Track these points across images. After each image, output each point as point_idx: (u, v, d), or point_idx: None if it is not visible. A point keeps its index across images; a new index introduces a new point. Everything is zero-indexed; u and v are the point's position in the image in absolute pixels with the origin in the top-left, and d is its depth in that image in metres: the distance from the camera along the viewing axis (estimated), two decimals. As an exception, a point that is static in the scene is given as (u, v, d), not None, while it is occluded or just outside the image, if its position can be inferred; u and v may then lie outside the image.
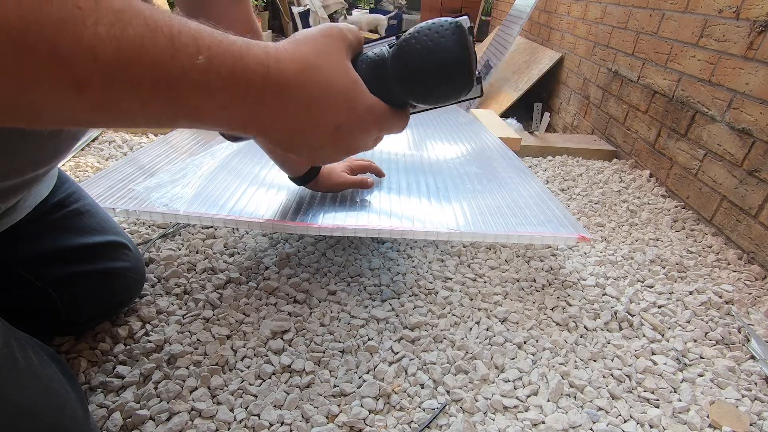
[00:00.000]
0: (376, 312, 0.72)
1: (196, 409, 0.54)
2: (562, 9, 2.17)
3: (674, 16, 1.31)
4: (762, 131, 0.97)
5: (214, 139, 1.06)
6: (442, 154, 1.10)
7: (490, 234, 0.76)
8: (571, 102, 1.98)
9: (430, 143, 1.15)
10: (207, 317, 0.68)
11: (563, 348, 0.69)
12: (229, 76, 0.27)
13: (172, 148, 1.01)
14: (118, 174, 0.85)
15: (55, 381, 0.42)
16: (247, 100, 0.28)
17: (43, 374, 0.41)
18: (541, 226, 0.78)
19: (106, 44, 0.21)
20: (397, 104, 0.38)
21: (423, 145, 1.14)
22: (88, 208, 0.64)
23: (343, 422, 0.54)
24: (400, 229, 0.74)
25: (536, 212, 0.83)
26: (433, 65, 0.33)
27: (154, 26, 0.23)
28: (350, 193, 0.86)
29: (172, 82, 0.24)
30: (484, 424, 0.56)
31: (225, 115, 0.28)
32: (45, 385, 0.41)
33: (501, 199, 0.88)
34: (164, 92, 0.24)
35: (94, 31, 0.21)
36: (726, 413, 0.60)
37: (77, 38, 0.20)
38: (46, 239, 0.58)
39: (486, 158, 1.10)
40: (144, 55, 0.23)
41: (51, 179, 0.60)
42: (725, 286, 0.87)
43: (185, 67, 0.24)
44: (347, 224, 0.74)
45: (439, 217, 0.79)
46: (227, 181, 0.87)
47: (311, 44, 0.32)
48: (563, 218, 0.82)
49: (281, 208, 0.78)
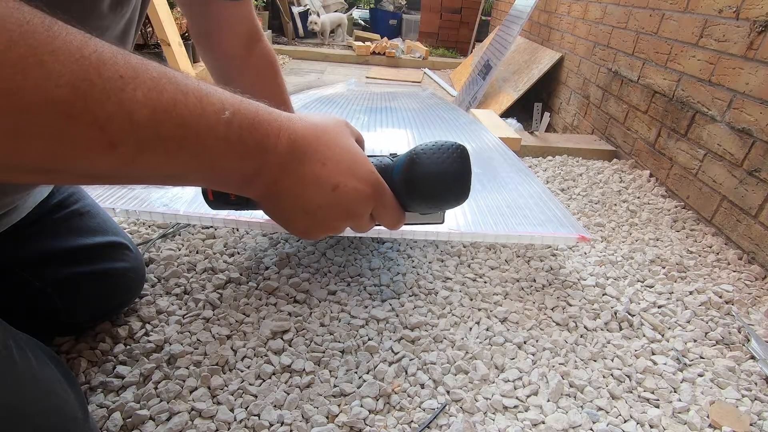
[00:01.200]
0: (376, 312, 0.72)
1: (196, 409, 0.54)
2: (562, 9, 2.17)
3: (674, 16, 1.31)
4: (762, 131, 0.97)
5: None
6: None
7: (490, 234, 0.76)
8: (571, 102, 1.98)
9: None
10: (207, 317, 0.68)
11: (563, 348, 0.69)
12: (249, 128, 0.29)
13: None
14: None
15: (53, 382, 0.42)
16: (261, 152, 0.31)
17: (41, 376, 0.41)
18: (541, 226, 0.78)
19: (143, 107, 0.23)
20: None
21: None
22: (89, 209, 0.64)
23: (343, 422, 0.54)
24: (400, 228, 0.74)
25: (536, 212, 0.84)
26: (439, 174, 0.39)
27: (185, 90, 0.26)
28: None
29: (199, 135, 0.27)
30: (484, 424, 0.56)
31: (239, 165, 0.30)
32: (43, 387, 0.41)
33: (501, 199, 0.88)
34: (191, 145, 0.26)
35: (132, 95, 0.23)
36: (726, 413, 0.60)
37: (118, 104, 0.22)
38: (46, 240, 0.58)
39: (486, 158, 1.10)
40: (176, 115, 0.25)
41: None
42: (725, 286, 0.87)
43: (211, 123, 0.27)
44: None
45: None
46: None
47: (318, 116, 0.36)
48: (563, 218, 0.82)
49: None
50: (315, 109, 1.44)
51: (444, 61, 3.63)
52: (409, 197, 0.40)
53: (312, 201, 0.34)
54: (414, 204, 0.40)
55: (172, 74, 0.26)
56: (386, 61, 3.56)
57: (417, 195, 0.39)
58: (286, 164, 0.32)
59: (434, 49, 3.94)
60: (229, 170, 0.30)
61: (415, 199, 0.40)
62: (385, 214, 0.39)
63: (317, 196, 0.34)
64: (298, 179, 0.33)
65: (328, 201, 0.34)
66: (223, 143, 0.28)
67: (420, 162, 0.38)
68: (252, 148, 0.30)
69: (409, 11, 4.91)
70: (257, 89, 0.66)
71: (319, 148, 0.33)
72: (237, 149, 0.29)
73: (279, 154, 0.31)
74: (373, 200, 0.37)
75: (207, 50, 0.64)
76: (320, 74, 3.03)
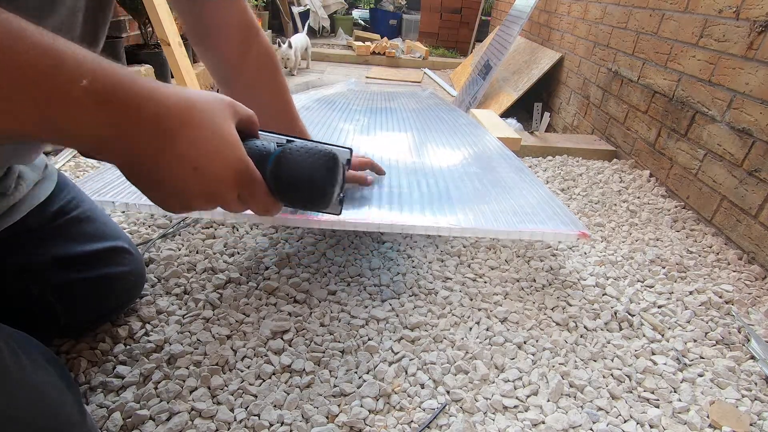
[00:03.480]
0: (376, 312, 0.72)
1: (196, 409, 0.54)
2: (562, 9, 2.17)
3: (674, 16, 1.31)
4: (762, 131, 0.97)
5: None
6: (443, 155, 1.10)
7: (491, 230, 0.75)
8: (571, 102, 1.98)
9: (431, 146, 1.15)
10: (207, 317, 0.68)
11: (563, 348, 0.69)
12: (108, 93, 0.29)
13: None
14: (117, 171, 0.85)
15: (49, 385, 0.42)
16: (119, 118, 0.30)
17: (36, 380, 0.41)
18: (542, 224, 0.78)
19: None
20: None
21: (423, 147, 1.14)
22: (89, 214, 0.64)
23: (343, 422, 0.54)
24: (400, 223, 0.74)
25: (537, 210, 0.83)
26: (301, 180, 0.39)
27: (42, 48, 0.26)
28: (349, 191, 0.86)
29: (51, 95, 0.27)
30: (484, 424, 0.56)
31: (93, 129, 0.29)
32: (38, 391, 0.41)
33: (501, 197, 0.88)
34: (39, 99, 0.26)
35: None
36: (726, 413, 0.60)
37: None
38: (46, 248, 0.57)
39: (486, 158, 1.10)
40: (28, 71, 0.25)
41: (49, 181, 0.60)
42: (725, 286, 0.87)
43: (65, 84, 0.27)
44: (347, 218, 0.74)
45: (440, 213, 0.79)
46: None
47: (198, 93, 0.35)
48: (564, 216, 0.82)
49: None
50: (315, 109, 1.43)
51: (444, 61, 3.63)
52: (276, 191, 0.40)
53: (172, 178, 0.33)
54: (281, 199, 0.40)
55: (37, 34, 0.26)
56: (386, 61, 3.56)
57: (278, 192, 0.39)
58: (147, 138, 0.31)
59: (434, 49, 3.94)
60: (79, 132, 0.29)
61: (279, 194, 0.40)
62: (252, 202, 0.39)
63: (178, 174, 0.33)
64: (159, 154, 0.32)
65: (188, 181, 0.34)
66: (75, 106, 0.28)
67: (286, 162, 0.38)
68: (112, 113, 0.29)
69: (409, 11, 4.91)
70: (257, 85, 0.65)
71: (186, 126, 0.33)
72: (90, 112, 0.28)
73: (140, 127, 0.31)
74: (236, 187, 0.36)
75: (205, 50, 0.64)
76: (320, 74, 3.03)
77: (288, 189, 0.39)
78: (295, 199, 0.41)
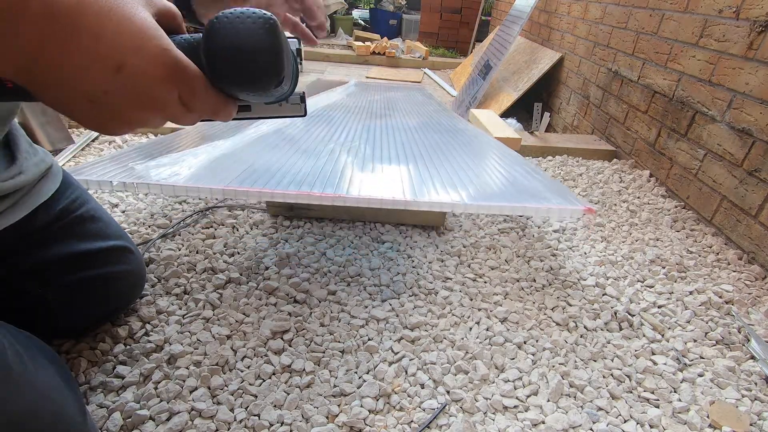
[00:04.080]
0: (376, 312, 0.72)
1: (196, 409, 0.54)
2: (562, 9, 2.17)
3: (674, 16, 1.31)
4: (762, 131, 0.97)
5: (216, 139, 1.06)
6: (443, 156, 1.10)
7: (495, 206, 0.74)
8: (571, 102, 1.98)
9: (431, 147, 1.15)
10: (207, 317, 0.68)
11: (563, 348, 0.69)
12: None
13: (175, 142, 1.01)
14: (118, 158, 0.85)
15: (50, 386, 0.42)
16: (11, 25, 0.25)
17: (37, 381, 0.41)
18: (548, 202, 0.77)
19: None
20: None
21: (424, 148, 1.14)
22: (92, 213, 0.64)
23: (343, 422, 0.54)
24: (403, 200, 0.73)
25: (541, 189, 0.83)
26: (239, 48, 0.32)
27: None
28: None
29: None
30: (484, 424, 0.56)
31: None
32: (39, 391, 0.41)
33: (506, 180, 0.88)
34: None
35: None
36: (726, 413, 0.60)
37: None
38: (50, 248, 0.57)
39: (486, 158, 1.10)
40: None
41: (54, 179, 0.60)
42: (725, 286, 0.87)
43: None
44: (349, 194, 0.73)
45: (444, 195, 0.78)
46: (226, 163, 0.86)
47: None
48: (568, 194, 0.81)
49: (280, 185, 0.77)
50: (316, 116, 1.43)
51: (444, 61, 3.63)
52: (214, 76, 0.34)
53: (93, 85, 0.28)
54: (224, 85, 0.34)
55: None
56: (386, 61, 3.56)
57: (218, 72, 0.33)
58: (44, 34, 0.26)
59: (434, 49, 3.94)
60: None
61: (219, 78, 0.34)
62: (196, 101, 0.33)
63: (98, 78, 0.28)
64: (67, 55, 0.26)
65: (113, 86, 0.28)
66: None
67: (218, 31, 0.32)
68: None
69: (409, 11, 4.91)
70: None
71: (88, 15, 0.27)
72: None
73: (30, 19, 0.25)
74: (171, 83, 0.30)
75: None
76: (320, 74, 3.03)
77: (226, 66, 0.33)
78: (238, 78, 0.34)
